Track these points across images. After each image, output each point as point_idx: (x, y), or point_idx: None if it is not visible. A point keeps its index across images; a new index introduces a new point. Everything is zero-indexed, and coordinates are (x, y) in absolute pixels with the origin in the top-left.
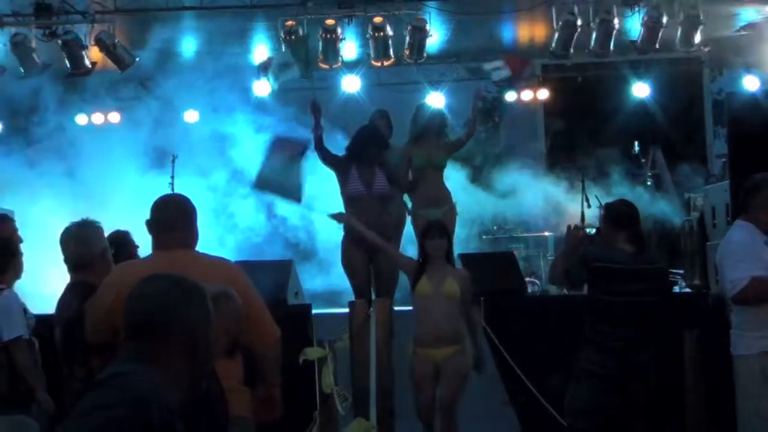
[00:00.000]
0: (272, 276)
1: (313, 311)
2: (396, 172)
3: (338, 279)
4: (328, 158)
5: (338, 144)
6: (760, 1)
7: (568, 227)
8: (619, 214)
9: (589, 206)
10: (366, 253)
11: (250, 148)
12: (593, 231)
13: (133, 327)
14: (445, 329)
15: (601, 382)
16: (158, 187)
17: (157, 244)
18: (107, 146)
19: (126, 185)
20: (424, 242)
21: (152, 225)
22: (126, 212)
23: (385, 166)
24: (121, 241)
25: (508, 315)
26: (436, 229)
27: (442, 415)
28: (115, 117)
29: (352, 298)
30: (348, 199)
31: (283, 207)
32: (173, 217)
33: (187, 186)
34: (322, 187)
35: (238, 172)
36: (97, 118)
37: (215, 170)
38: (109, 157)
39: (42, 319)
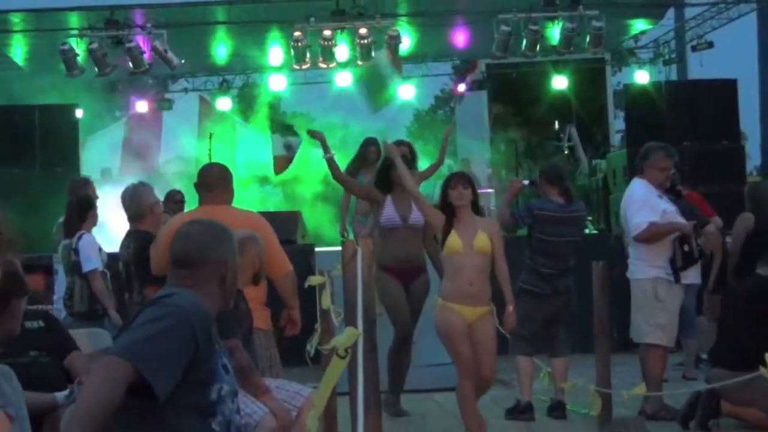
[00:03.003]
0: (284, 222)
1: (315, 249)
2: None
3: None
4: (359, 191)
5: (336, 135)
6: (647, 15)
7: (511, 180)
8: (551, 174)
9: (521, 169)
10: (401, 282)
11: None
12: (527, 182)
13: (177, 260)
14: (477, 287)
15: (536, 298)
16: None
17: (201, 201)
18: None
19: None
20: (449, 193)
21: (198, 186)
22: None
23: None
24: (174, 199)
25: None
26: (460, 179)
27: (484, 387)
28: None
29: None
30: (382, 229)
31: None
32: (213, 181)
33: None
34: None
35: None
36: None
37: None
38: None
39: (113, 256)
